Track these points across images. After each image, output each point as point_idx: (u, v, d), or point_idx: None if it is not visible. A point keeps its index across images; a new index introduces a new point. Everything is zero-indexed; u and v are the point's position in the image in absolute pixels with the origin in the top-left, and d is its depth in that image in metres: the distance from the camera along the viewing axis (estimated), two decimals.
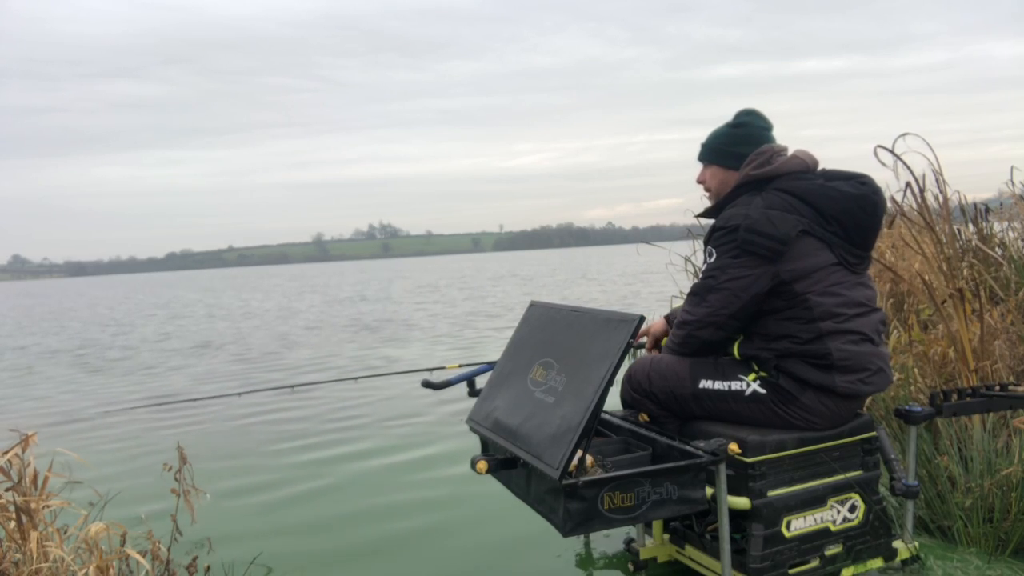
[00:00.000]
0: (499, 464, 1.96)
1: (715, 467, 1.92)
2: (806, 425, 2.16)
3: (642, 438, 2.13)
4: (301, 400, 6.36)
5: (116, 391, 7.61)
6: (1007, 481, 2.51)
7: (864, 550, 2.24)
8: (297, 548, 3.09)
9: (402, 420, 5.43)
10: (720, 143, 2.34)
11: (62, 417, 6.28)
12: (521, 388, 2.10)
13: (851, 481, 2.22)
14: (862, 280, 2.23)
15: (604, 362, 1.81)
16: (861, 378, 2.13)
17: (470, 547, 3.02)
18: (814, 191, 2.15)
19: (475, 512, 3.39)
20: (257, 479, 4.16)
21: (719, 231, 2.20)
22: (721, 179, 2.35)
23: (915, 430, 2.44)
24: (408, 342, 10.36)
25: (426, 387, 2.85)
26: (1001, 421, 2.89)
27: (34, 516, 2.15)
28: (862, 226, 2.16)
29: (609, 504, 1.78)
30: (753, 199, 2.18)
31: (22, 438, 2.24)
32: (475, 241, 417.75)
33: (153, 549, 2.26)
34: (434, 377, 2.93)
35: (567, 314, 2.15)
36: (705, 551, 2.29)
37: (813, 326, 2.11)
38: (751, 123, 2.32)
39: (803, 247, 2.11)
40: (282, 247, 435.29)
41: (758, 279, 2.11)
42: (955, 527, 2.57)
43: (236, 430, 5.42)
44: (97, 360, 10.52)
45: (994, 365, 3.27)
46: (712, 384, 2.23)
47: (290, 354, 9.80)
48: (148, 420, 5.95)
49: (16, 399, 7.51)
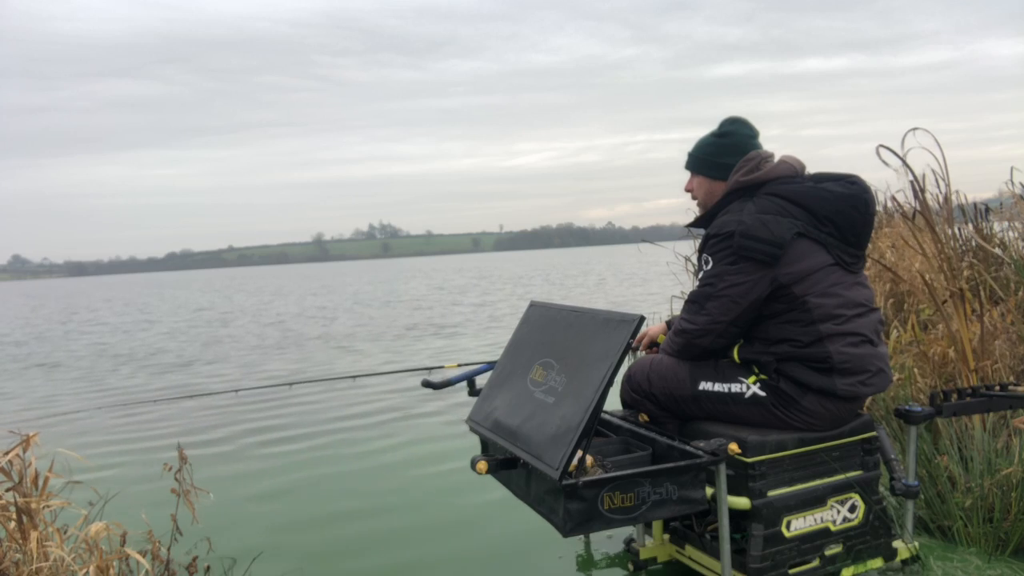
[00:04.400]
0: (499, 464, 1.96)
1: (715, 467, 1.92)
2: (806, 427, 2.16)
3: (642, 438, 2.13)
4: (300, 399, 6.37)
5: (115, 389, 7.61)
6: (1007, 481, 2.51)
7: (864, 550, 2.24)
8: (297, 547, 3.09)
9: (402, 419, 5.43)
10: (706, 154, 2.34)
11: (62, 417, 6.28)
12: (521, 388, 2.10)
13: (851, 481, 2.22)
14: (859, 280, 2.22)
15: (604, 362, 1.81)
16: (861, 380, 2.13)
17: (470, 547, 3.02)
18: (805, 193, 2.14)
19: (475, 512, 3.39)
20: (256, 478, 4.16)
21: (714, 238, 2.19)
22: (708, 189, 2.35)
23: (915, 430, 2.44)
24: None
25: (426, 387, 2.85)
26: (1001, 421, 2.89)
27: (34, 516, 2.15)
28: (855, 225, 2.16)
29: (609, 504, 1.78)
30: (745, 205, 2.17)
31: (23, 438, 2.24)
32: (475, 241, 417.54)
33: (153, 549, 2.26)
34: (434, 377, 2.93)
35: (567, 314, 2.15)
36: (705, 551, 2.29)
37: (813, 328, 2.11)
38: (736, 132, 2.31)
39: (799, 249, 2.11)
40: (282, 247, 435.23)
41: (756, 284, 2.11)
42: (955, 527, 2.57)
43: (236, 429, 5.42)
44: (98, 360, 10.52)
45: (994, 365, 3.27)
46: (712, 386, 2.23)
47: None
48: (148, 419, 5.95)
49: (14, 399, 7.51)
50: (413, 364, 8.04)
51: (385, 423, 5.36)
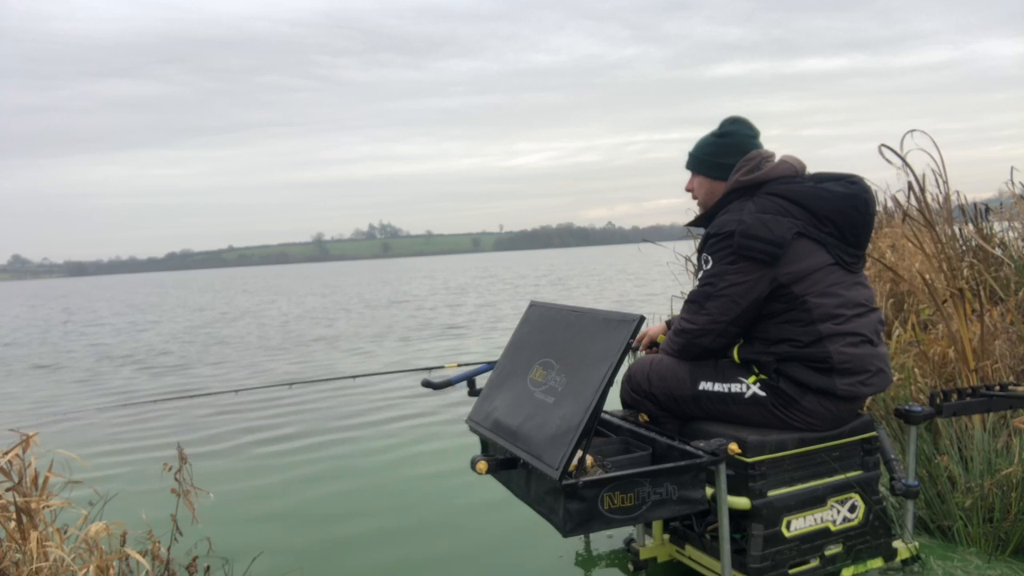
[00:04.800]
0: (499, 464, 1.96)
1: (715, 467, 1.92)
2: (806, 427, 2.16)
3: (642, 438, 2.13)
4: (299, 399, 6.37)
5: (115, 389, 7.61)
6: (1007, 481, 2.51)
7: (864, 550, 2.24)
8: (297, 547, 3.09)
9: (402, 419, 5.43)
10: (706, 154, 2.33)
11: (62, 417, 6.28)
12: (521, 388, 2.10)
13: (851, 481, 2.22)
14: (859, 280, 2.22)
15: (604, 362, 1.81)
16: (861, 380, 2.13)
17: (470, 547, 3.02)
18: (806, 193, 2.14)
19: (475, 512, 3.38)
20: (256, 478, 4.16)
21: (714, 238, 2.19)
22: (708, 190, 2.35)
23: (915, 430, 2.44)
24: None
25: (426, 387, 2.85)
26: (1001, 421, 2.89)
27: (34, 516, 2.15)
28: (855, 225, 2.16)
29: (609, 504, 1.78)
30: (745, 204, 2.17)
31: (23, 438, 2.24)
32: (475, 241, 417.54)
33: (153, 549, 2.26)
34: (434, 376, 2.92)
35: (567, 314, 2.15)
36: (705, 551, 2.29)
37: (813, 328, 2.11)
38: (736, 132, 2.31)
39: (799, 249, 2.11)
40: (282, 247, 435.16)
41: (756, 284, 2.11)
42: (955, 527, 2.57)
43: (236, 429, 5.41)
44: (98, 361, 10.52)
45: (994, 365, 3.27)
46: (712, 386, 2.23)
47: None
48: (148, 420, 5.95)
49: (14, 399, 7.51)
50: (413, 364, 8.03)
51: (385, 423, 5.36)
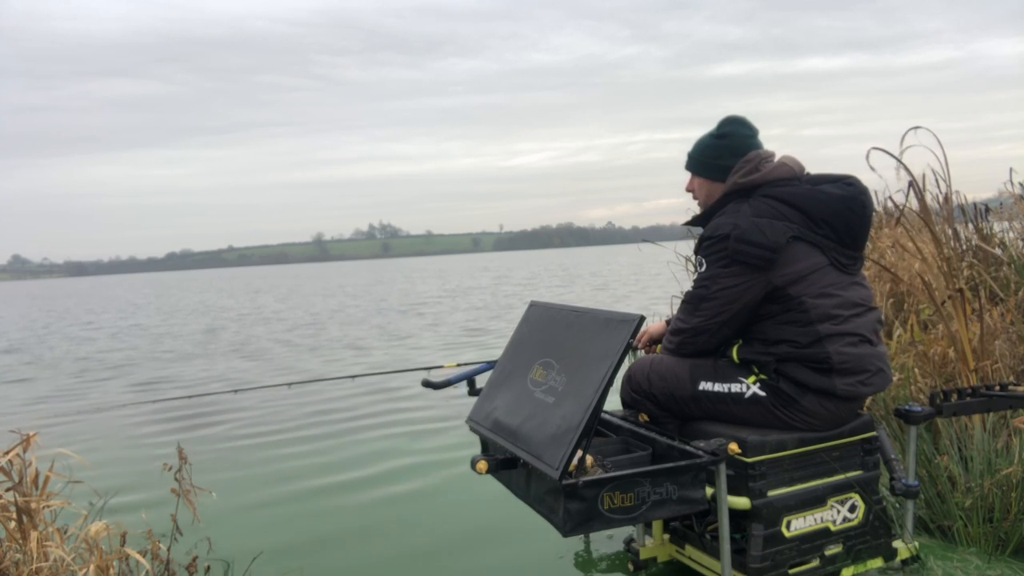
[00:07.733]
0: (499, 464, 1.96)
1: (715, 467, 1.92)
2: (806, 427, 2.16)
3: (642, 438, 2.13)
4: (299, 398, 6.36)
5: (115, 389, 7.61)
6: (1007, 481, 2.51)
7: (864, 550, 2.24)
8: (297, 547, 3.09)
9: (401, 419, 5.43)
10: (704, 155, 2.33)
11: (62, 417, 6.28)
12: (521, 388, 2.10)
13: (851, 481, 2.22)
14: (856, 280, 2.22)
15: (604, 362, 1.81)
16: (861, 380, 2.13)
17: (470, 546, 3.02)
18: (802, 195, 2.14)
19: (474, 512, 3.38)
20: (256, 478, 4.16)
21: (708, 240, 2.19)
22: (707, 191, 2.35)
23: (915, 430, 2.44)
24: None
25: (426, 386, 2.84)
26: (1001, 421, 2.89)
27: (34, 516, 2.15)
28: (852, 227, 2.16)
29: (609, 504, 1.78)
30: (741, 207, 2.17)
31: (23, 438, 2.24)
32: (475, 241, 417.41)
33: (153, 549, 2.26)
34: (433, 376, 2.92)
35: (567, 314, 2.15)
36: (705, 551, 2.29)
37: (811, 329, 2.11)
38: (735, 132, 2.30)
39: (794, 252, 2.11)
40: (282, 247, 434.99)
41: (749, 288, 2.11)
42: (955, 527, 2.57)
43: (236, 429, 5.41)
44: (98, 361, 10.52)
45: (994, 365, 3.27)
46: (712, 386, 2.23)
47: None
48: (148, 420, 5.95)
49: (14, 399, 7.51)
50: (413, 364, 8.04)
51: (385, 423, 5.36)
